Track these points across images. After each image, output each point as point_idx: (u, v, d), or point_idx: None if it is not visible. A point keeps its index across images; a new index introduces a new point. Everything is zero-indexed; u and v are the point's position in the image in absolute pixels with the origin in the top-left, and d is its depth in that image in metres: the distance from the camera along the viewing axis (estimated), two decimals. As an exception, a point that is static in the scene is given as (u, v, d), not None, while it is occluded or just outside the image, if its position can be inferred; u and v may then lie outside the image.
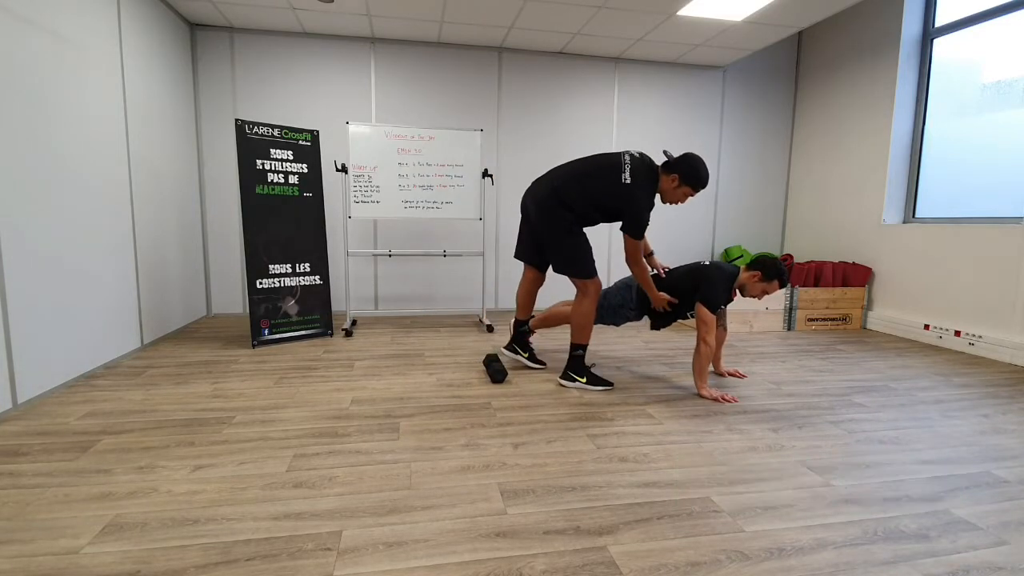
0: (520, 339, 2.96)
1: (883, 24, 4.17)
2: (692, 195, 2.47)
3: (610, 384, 2.65)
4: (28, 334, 2.31)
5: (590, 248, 2.59)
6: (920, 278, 3.90)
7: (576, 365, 2.66)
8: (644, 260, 2.56)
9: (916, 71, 4.08)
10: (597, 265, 2.65)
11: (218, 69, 4.20)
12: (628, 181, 2.42)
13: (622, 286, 2.86)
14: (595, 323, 2.93)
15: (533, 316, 3.00)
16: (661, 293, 2.65)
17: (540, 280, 2.89)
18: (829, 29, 4.75)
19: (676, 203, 2.52)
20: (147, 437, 1.98)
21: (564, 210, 2.53)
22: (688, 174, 2.41)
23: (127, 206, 3.13)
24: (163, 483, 1.64)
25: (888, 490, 1.68)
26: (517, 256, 2.86)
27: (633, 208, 2.43)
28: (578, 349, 2.66)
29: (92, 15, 2.81)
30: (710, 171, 5.12)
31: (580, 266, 2.57)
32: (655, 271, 2.77)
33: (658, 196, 2.54)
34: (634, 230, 2.45)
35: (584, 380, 2.63)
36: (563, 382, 2.67)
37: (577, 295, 2.66)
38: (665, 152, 2.46)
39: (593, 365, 2.91)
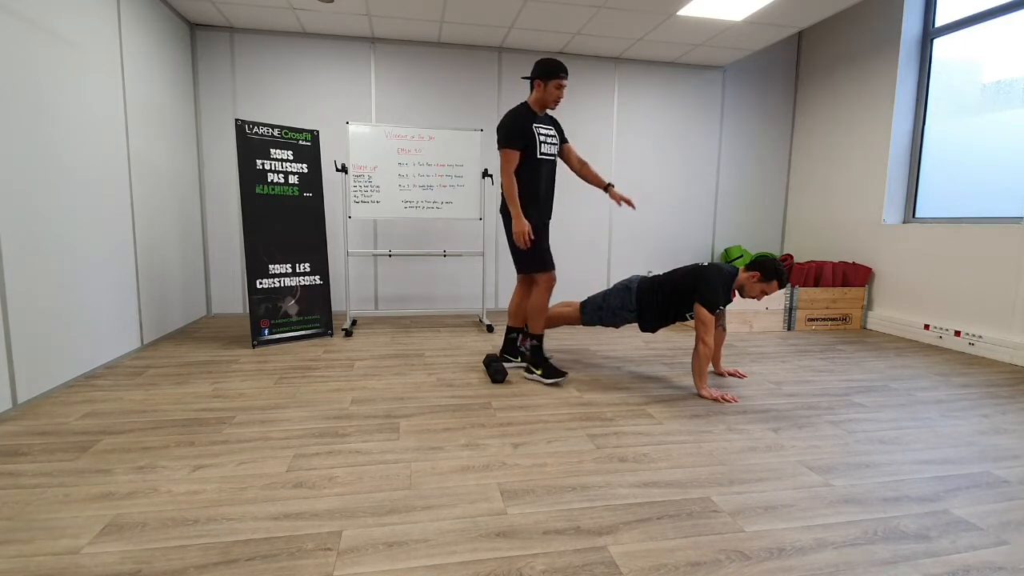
0: (510, 347, 2.96)
1: (883, 24, 4.17)
2: (558, 88, 2.57)
3: (565, 374, 2.71)
4: (28, 334, 2.31)
5: (542, 244, 2.73)
6: (920, 278, 3.90)
7: (533, 357, 2.76)
8: (515, 176, 2.62)
9: (916, 71, 4.08)
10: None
11: (218, 69, 4.20)
12: (502, 117, 2.69)
13: (621, 288, 2.86)
14: (595, 324, 2.96)
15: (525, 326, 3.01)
16: (525, 225, 2.61)
17: (529, 290, 2.87)
18: (829, 29, 4.75)
19: (555, 103, 2.63)
20: (147, 437, 1.98)
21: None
22: (537, 72, 2.58)
23: (127, 206, 3.13)
24: (163, 483, 1.64)
25: (888, 490, 1.68)
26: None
27: (499, 128, 2.63)
28: (534, 340, 2.76)
29: (92, 15, 2.81)
30: (709, 170, 5.14)
31: (530, 260, 2.71)
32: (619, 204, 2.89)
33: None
34: (503, 137, 2.60)
35: (540, 372, 2.73)
36: (525, 374, 2.80)
37: (533, 287, 2.78)
38: (524, 77, 2.78)
39: (551, 357, 2.98)
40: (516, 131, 2.60)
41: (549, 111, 2.72)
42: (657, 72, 4.89)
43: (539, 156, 2.66)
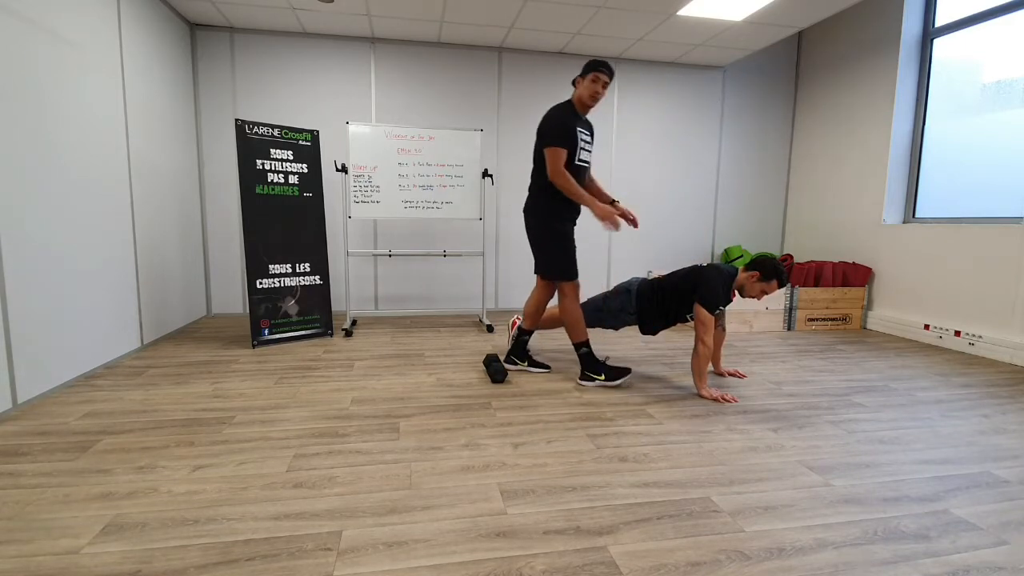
0: (519, 349, 2.89)
1: (883, 24, 4.17)
2: (594, 81, 2.51)
3: (628, 371, 2.64)
4: (28, 334, 2.31)
5: (572, 252, 2.66)
6: (920, 278, 3.89)
7: (590, 363, 2.67)
8: (568, 174, 2.55)
9: (916, 71, 4.08)
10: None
11: (218, 69, 4.20)
12: (545, 113, 2.62)
13: (622, 290, 2.86)
14: (596, 327, 2.94)
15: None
16: (606, 208, 2.53)
17: (550, 293, 2.80)
18: (829, 29, 4.75)
19: (592, 98, 2.55)
20: (147, 437, 1.98)
21: (545, 197, 2.61)
22: (585, 70, 2.54)
23: (127, 206, 3.13)
24: (163, 483, 1.64)
25: (888, 490, 1.68)
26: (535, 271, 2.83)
27: (545, 124, 2.56)
28: (582, 347, 2.67)
29: (92, 15, 2.81)
30: (709, 170, 5.14)
31: (559, 268, 2.63)
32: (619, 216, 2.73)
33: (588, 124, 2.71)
34: (548, 135, 2.53)
35: (603, 377, 2.64)
36: (583, 383, 2.68)
37: (559, 297, 2.70)
38: (572, 82, 2.65)
39: (607, 359, 2.90)
40: (561, 129, 2.52)
41: (589, 111, 2.65)
42: (657, 72, 4.89)
43: (576, 162, 2.57)
